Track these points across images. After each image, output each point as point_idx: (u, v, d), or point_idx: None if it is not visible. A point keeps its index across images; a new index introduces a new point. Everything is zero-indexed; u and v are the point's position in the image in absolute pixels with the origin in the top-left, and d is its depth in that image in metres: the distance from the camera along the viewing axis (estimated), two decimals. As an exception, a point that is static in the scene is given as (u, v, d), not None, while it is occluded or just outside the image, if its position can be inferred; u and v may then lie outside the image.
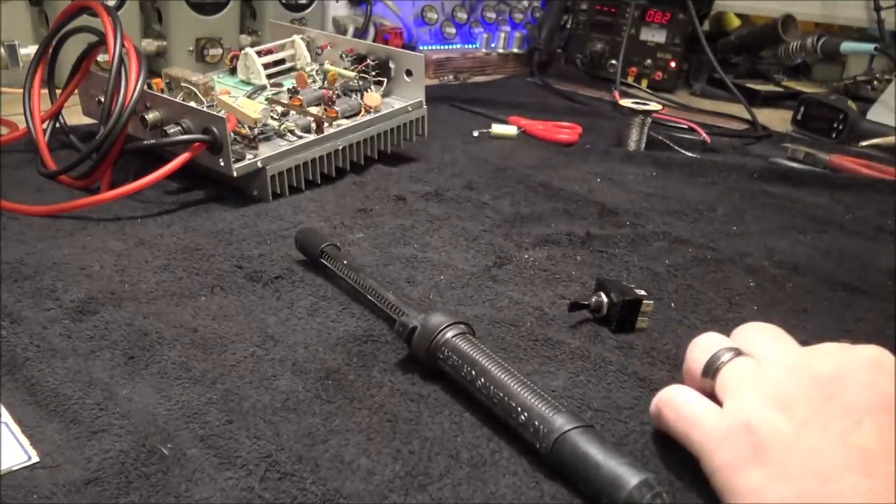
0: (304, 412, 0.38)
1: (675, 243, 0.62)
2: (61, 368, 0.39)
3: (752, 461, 0.30)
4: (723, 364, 0.35)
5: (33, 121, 0.67)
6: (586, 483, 0.32)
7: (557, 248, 0.59)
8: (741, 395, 0.33)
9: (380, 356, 0.43)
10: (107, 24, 0.63)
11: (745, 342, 0.36)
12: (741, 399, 0.32)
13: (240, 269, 0.52)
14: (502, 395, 0.36)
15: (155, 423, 0.36)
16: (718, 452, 0.32)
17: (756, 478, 0.30)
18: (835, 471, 0.28)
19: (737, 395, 0.33)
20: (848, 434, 0.28)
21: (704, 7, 1.27)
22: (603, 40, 1.27)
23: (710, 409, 0.34)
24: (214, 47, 1.00)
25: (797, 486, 0.28)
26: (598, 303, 0.48)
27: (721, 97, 1.18)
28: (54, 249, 0.53)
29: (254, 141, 0.64)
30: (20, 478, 0.32)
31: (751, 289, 0.55)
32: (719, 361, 0.35)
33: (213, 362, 0.41)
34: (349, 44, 0.79)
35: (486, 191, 0.71)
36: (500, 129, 0.91)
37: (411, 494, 0.33)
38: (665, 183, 0.78)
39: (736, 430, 0.31)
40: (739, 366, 0.34)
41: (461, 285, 0.52)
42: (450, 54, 1.26)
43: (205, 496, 0.32)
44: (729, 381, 0.34)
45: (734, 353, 0.35)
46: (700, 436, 0.33)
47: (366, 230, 0.60)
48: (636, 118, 0.87)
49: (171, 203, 0.63)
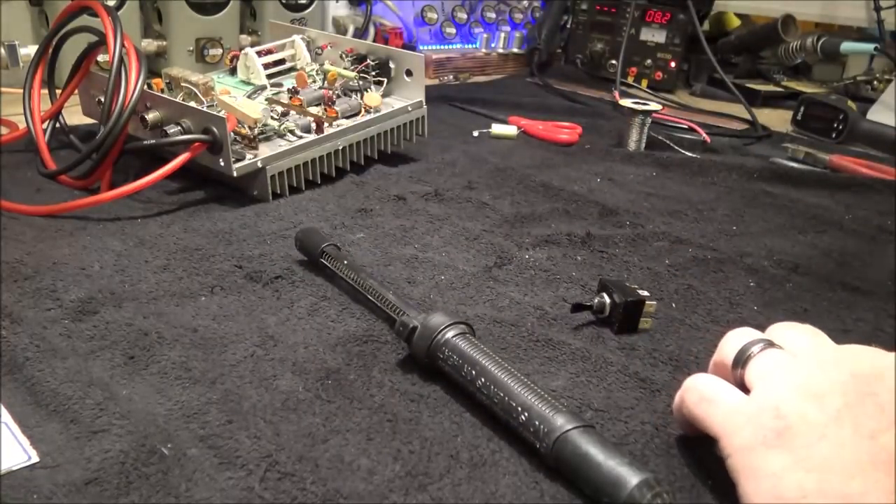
0: (304, 412, 0.38)
1: (675, 243, 0.62)
2: (61, 368, 0.39)
3: (775, 444, 0.29)
4: (753, 354, 0.34)
5: (33, 121, 0.67)
6: (586, 483, 0.32)
7: (558, 248, 0.59)
8: (772, 382, 0.32)
9: (380, 356, 0.43)
10: (107, 24, 0.63)
11: (780, 338, 0.35)
12: (771, 385, 0.32)
13: (240, 269, 0.52)
14: (502, 394, 0.36)
15: (155, 423, 0.36)
16: (740, 433, 0.31)
17: (778, 462, 0.29)
18: (861, 468, 0.28)
19: (767, 381, 0.32)
20: (879, 433, 0.28)
21: (704, 7, 1.27)
22: (603, 40, 1.27)
23: (736, 392, 0.33)
24: (214, 47, 1.00)
25: (819, 477, 0.28)
26: (601, 304, 0.48)
27: (721, 97, 1.18)
28: (54, 249, 0.52)
29: (254, 141, 0.64)
30: (20, 478, 0.32)
31: (751, 289, 0.55)
32: (750, 351, 0.34)
33: (213, 362, 0.41)
34: (349, 44, 0.79)
35: (486, 191, 0.71)
36: (499, 129, 0.91)
37: (411, 494, 0.33)
38: (665, 183, 0.78)
39: (764, 412, 0.31)
40: (772, 356, 0.34)
41: (462, 285, 0.52)
42: (450, 54, 1.26)
43: (205, 496, 0.32)
44: (759, 370, 0.33)
45: (766, 343, 0.34)
46: (722, 415, 0.32)
47: (366, 230, 0.60)
48: (636, 118, 0.87)
49: (171, 203, 0.63)
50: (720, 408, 0.33)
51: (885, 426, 0.28)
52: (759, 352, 0.34)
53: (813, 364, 0.32)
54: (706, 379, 0.35)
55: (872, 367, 0.30)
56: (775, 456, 0.29)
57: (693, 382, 0.35)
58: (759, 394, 0.32)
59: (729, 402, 0.33)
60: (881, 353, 0.32)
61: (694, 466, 0.36)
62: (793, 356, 0.33)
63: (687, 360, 0.45)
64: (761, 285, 0.56)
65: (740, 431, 0.31)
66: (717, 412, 0.33)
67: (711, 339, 0.47)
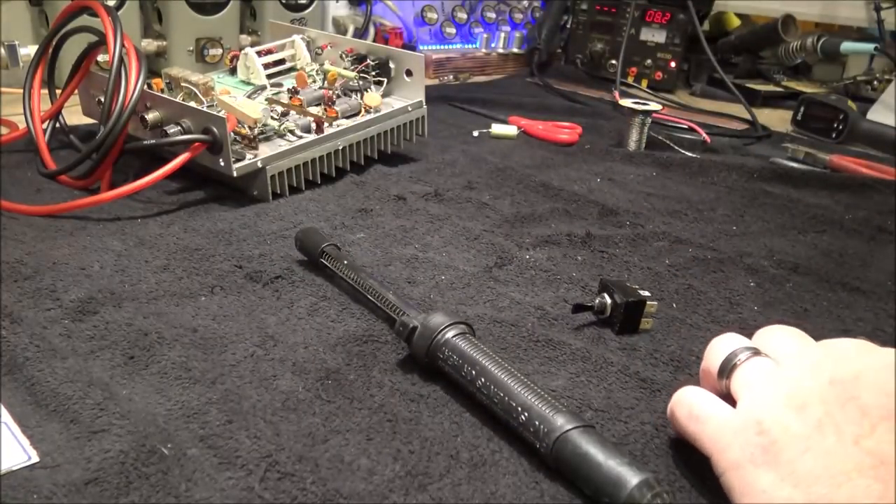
0: (304, 412, 0.38)
1: (675, 243, 0.62)
2: (61, 368, 0.39)
3: (762, 461, 0.29)
4: (738, 363, 0.34)
5: (33, 121, 0.67)
6: (586, 483, 0.32)
7: (558, 248, 0.59)
8: (755, 394, 0.32)
9: (380, 356, 0.43)
10: (107, 24, 0.63)
11: (765, 344, 0.35)
12: (755, 397, 0.32)
13: (240, 269, 0.52)
14: (502, 394, 0.36)
15: (155, 423, 0.36)
16: (729, 451, 0.31)
17: (766, 479, 0.29)
18: (847, 474, 0.27)
19: (751, 393, 0.32)
20: (862, 438, 0.28)
21: (704, 7, 1.27)
22: (603, 40, 1.27)
23: (722, 408, 0.33)
24: (214, 47, 1.00)
25: (807, 490, 0.28)
26: (602, 304, 0.47)
27: (721, 97, 1.18)
28: (54, 249, 0.52)
29: (254, 141, 0.64)
30: (20, 478, 0.32)
31: (751, 289, 0.55)
32: (735, 360, 0.34)
33: (213, 362, 0.41)
34: (349, 44, 0.79)
35: (486, 191, 0.71)
36: (499, 129, 0.91)
37: (411, 494, 0.33)
38: (665, 183, 0.78)
39: (748, 428, 0.31)
40: (756, 365, 0.34)
41: (462, 285, 0.52)
42: (450, 54, 1.26)
43: (205, 496, 0.32)
44: (744, 381, 0.33)
45: (751, 352, 0.34)
46: (711, 433, 0.32)
47: (366, 230, 0.60)
48: (636, 118, 0.87)
49: (171, 203, 0.63)
50: (708, 425, 0.33)
51: (868, 430, 0.28)
52: (744, 361, 0.34)
53: (794, 372, 0.32)
54: (694, 393, 0.35)
55: (852, 370, 0.30)
56: (763, 473, 0.29)
57: (681, 396, 0.35)
58: (744, 407, 0.32)
59: (716, 418, 0.33)
60: (865, 348, 0.31)
61: (694, 466, 0.36)
62: (776, 364, 0.33)
63: (688, 360, 0.45)
64: (761, 285, 0.56)
65: (729, 449, 0.31)
66: (706, 429, 0.33)
67: (712, 338, 0.47)
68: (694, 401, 0.34)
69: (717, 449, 0.32)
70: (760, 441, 0.30)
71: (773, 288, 0.56)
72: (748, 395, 0.32)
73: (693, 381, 0.43)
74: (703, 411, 0.34)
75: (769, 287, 0.56)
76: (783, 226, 0.68)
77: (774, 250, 0.62)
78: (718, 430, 0.32)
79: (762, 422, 0.30)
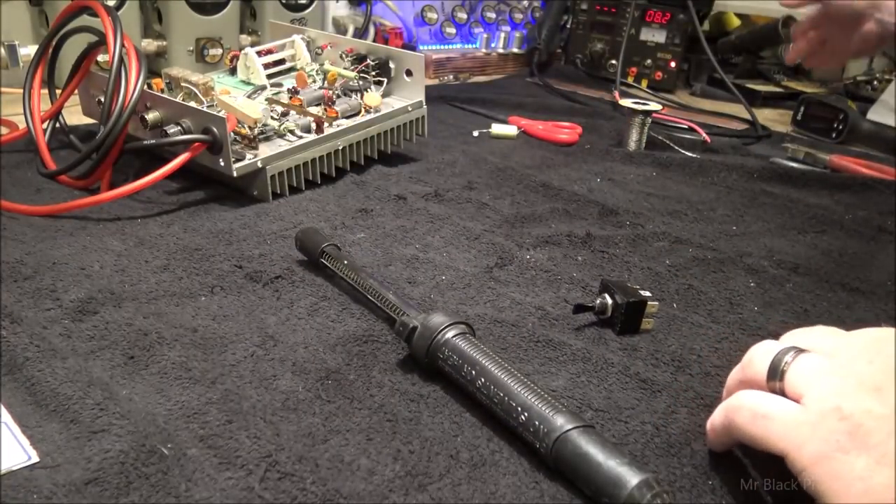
0: (304, 412, 0.38)
1: (675, 243, 0.62)
2: (61, 368, 0.39)
3: (851, 447, 0.29)
4: (789, 363, 0.33)
5: (33, 121, 0.67)
6: (587, 483, 0.32)
7: (558, 248, 0.59)
8: (822, 385, 0.31)
9: (380, 356, 0.43)
10: (107, 24, 0.63)
11: (802, 342, 0.35)
12: (823, 388, 0.31)
13: (240, 269, 0.52)
14: (502, 394, 0.36)
15: (155, 423, 0.36)
16: (809, 444, 0.30)
17: (859, 464, 0.29)
18: None
19: (816, 386, 0.32)
20: None
21: (704, 7, 1.27)
22: (603, 40, 1.27)
23: (789, 404, 0.32)
24: (214, 47, 1.00)
25: None
26: (603, 304, 0.47)
27: (721, 97, 1.18)
28: (54, 249, 0.52)
29: (254, 141, 0.64)
30: (20, 478, 0.32)
31: (751, 289, 0.55)
32: (784, 362, 0.33)
33: (213, 362, 0.41)
34: (349, 44, 0.79)
35: (486, 191, 0.71)
36: (499, 129, 0.91)
37: (411, 494, 0.33)
38: (665, 183, 0.78)
39: (826, 417, 0.30)
40: (809, 360, 0.33)
41: (462, 285, 0.52)
42: (450, 54, 1.26)
43: (205, 496, 0.32)
44: (802, 377, 0.32)
45: (796, 351, 0.34)
46: (783, 431, 0.31)
47: (366, 230, 0.60)
48: (636, 118, 0.87)
49: (171, 203, 0.63)
50: (777, 422, 0.32)
51: None
52: (794, 359, 0.33)
53: (854, 358, 0.32)
54: (755, 395, 0.34)
55: None
56: (854, 459, 0.29)
57: (741, 401, 0.34)
58: (814, 400, 0.31)
59: (785, 414, 0.32)
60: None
61: (694, 466, 0.36)
62: (828, 357, 0.33)
63: (689, 360, 0.45)
64: (761, 285, 0.56)
65: (808, 442, 0.30)
66: (776, 427, 0.32)
67: (713, 339, 0.47)
68: (756, 402, 0.33)
69: (794, 445, 0.31)
70: (844, 427, 0.29)
71: (773, 288, 0.56)
72: (814, 388, 0.32)
73: (694, 381, 0.43)
74: (770, 410, 0.32)
75: (769, 287, 0.56)
76: (783, 226, 0.68)
77: (774, 250, 0.62)
78: (791, 426, 0.31)
79: (842, 408, 0.30)
